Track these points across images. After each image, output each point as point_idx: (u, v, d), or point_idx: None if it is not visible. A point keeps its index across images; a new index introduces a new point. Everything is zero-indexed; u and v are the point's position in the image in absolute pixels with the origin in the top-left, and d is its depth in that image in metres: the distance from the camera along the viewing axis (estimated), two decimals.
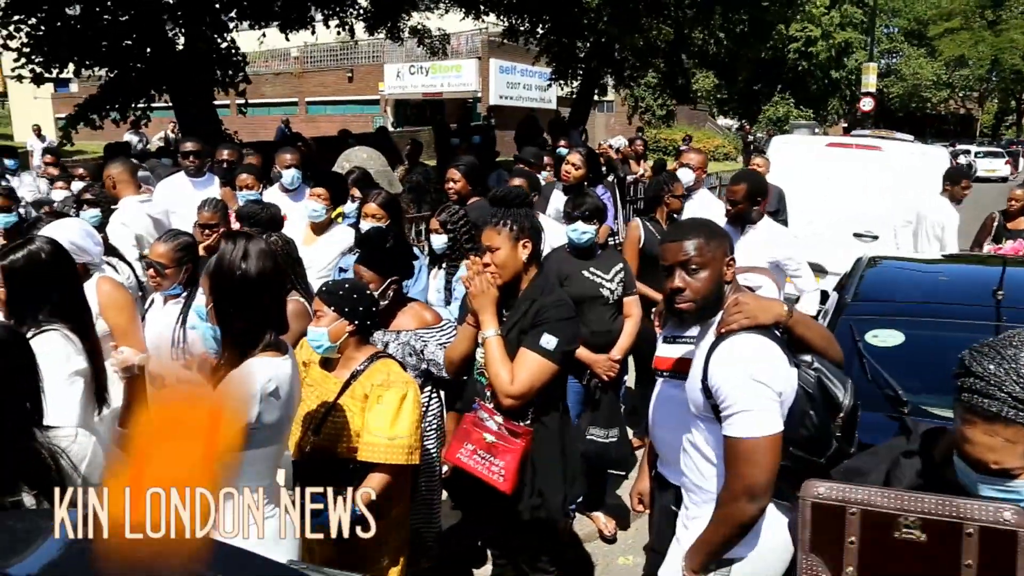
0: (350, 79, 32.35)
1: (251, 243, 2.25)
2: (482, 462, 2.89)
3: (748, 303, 2.19)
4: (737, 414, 2.08)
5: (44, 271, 2.71)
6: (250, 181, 4.99)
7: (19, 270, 2.65)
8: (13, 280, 2.64)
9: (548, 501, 2.93)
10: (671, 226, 2.43)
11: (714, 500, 2.23)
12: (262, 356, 2.21)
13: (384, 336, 3.25)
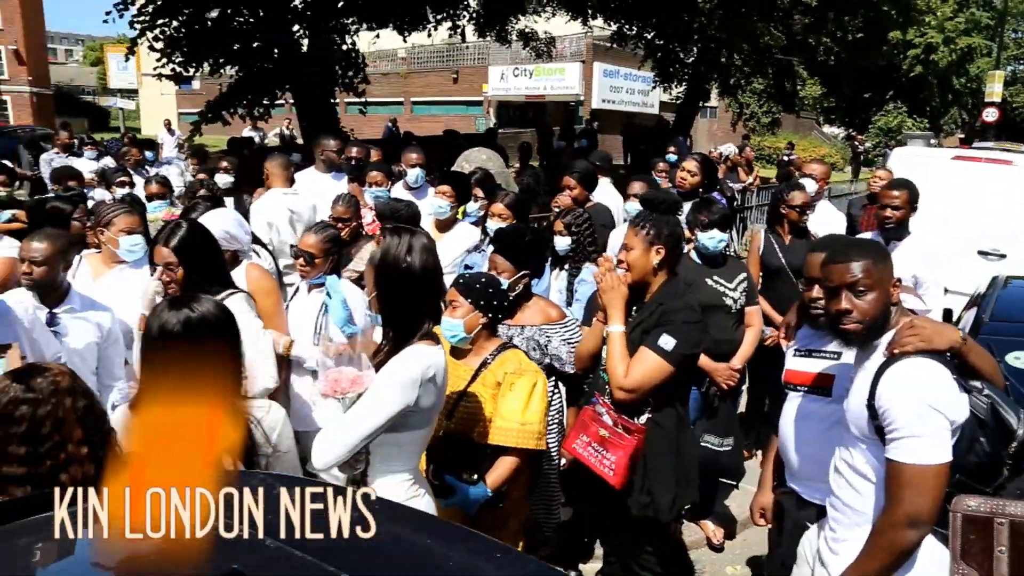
0: (455, 80, 32.98)
1: (415, 238, 2.40)
2: (595, 455, 2.99)
3: (924, 327, 2.16)
4: (906, 439, 2.05)
5: (204, 246, 2.97)
6: (380, 178, 5.23)
7: (187, 247, 2.91)
8: (185, 257, 2.90)
9: (656, 501, 2.98)
10: (837, 246, 2.41)
11: (868, 523, 2.20)
12: (420, 344, 2.36)
13: (509, 330, 3.38)
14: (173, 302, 2.15)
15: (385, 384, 2.29)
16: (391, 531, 1.39)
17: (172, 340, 2.06)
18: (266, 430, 2.19)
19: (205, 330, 2.09)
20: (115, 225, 3.74)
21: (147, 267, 3.83)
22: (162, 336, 2.07)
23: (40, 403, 1.81)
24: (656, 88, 21.13)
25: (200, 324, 2.09)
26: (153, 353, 2.10)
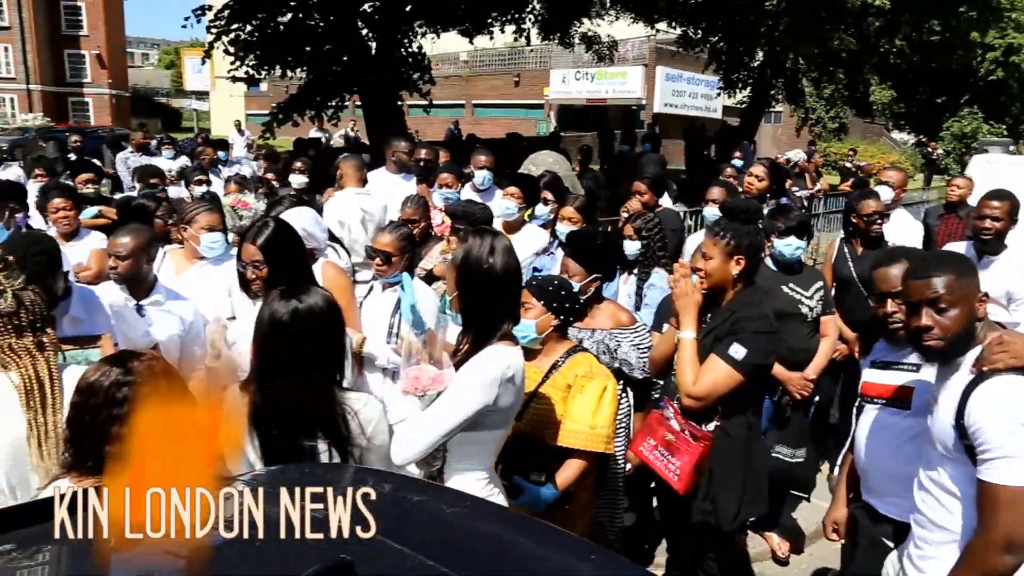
0: (516, 83, 33.11)
1: (496, 239, 2.42)
2: (661, 459, 2.99)
3: (1015, 342, 2.08)
4: (1000, 459, 1.99)
5: (290, 245, 3.05)
6: (450, 180, 5.29)
7: (273, 246, 2.99)
8: (270, 256, 2.98)
9: (720, 509, 2.95)
10: (918, 260, 2.35)
11: (955, 542, 2.15)
12: (499, 344, 2.38)
13: (579, 333, 3.39)
14: (284, 292, 2.23)
15: (465, 383, 2.32)
16: (491, 531, 1.41)
17: (280, 329, 2.17)
18: (362, 422, 2.24)
19: (312, 321, 2.18)
20: (197, 223, 3.86)
21: (227, 264, 3.95)
22: (271, 325, 2.17)
23: (131, 387, 1.90)
24: (720, 93, 20.86)
25: (307, 315, 2.18)
26: (263, 340, 2.21)
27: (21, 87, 40.66)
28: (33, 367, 2.31)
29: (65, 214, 4.89)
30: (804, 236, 3.98)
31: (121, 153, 10.92)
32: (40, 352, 2.34)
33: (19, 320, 2.35)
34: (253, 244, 2.99)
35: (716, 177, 7.00)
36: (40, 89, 40.98)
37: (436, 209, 5.16)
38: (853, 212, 4.70)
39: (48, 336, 2.40)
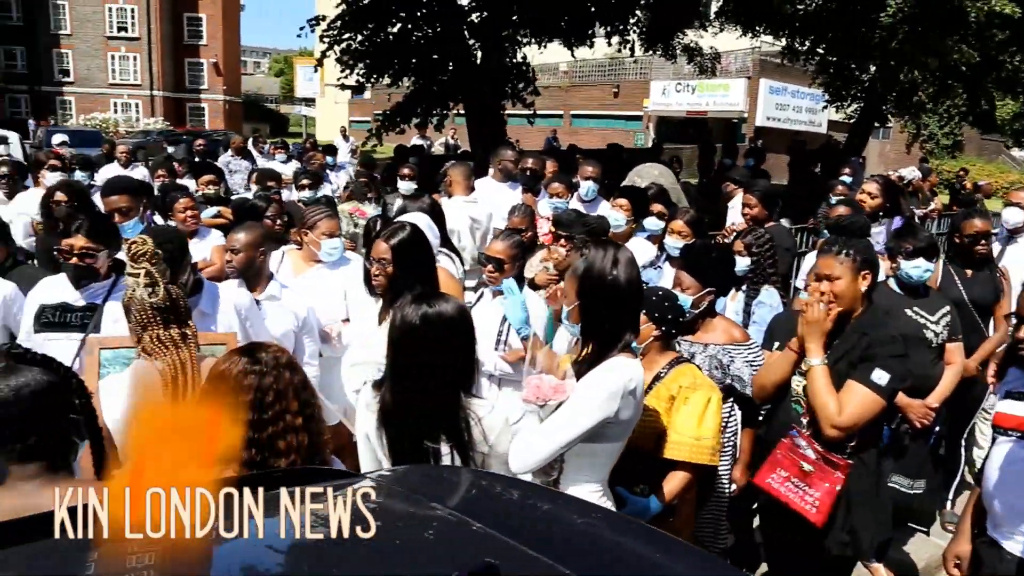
0: (615, 94, 32.96)
1: (619, 251, 2.42)
2: (795, 490, 2.88)
3: None
4: None
5: (419, 250, 3.13)
6: (560, 190, 5.32)
7: (404, 249, 3.08)
8: (399, 257, 3.07)
9: (858, 540, 2.86)
10: None
11: None
12: (620, 356, 2.38)
13: (691, 347, 3.37)
14: (417, 297, 2.31)
15: (587, 395, 2.32)
16: (618, 541, 1.41)
17: (411, 332, 2.24)
18: (485, 429, 2.28)
19: (441, 326, 2.25)
20: (318, 228, 4.01)
21: (343, 268, 4.09)
22: (403, 328, 2.25)
23: (265, 374, 1.99)
24: (826, 107, 20.18)
25: (437, 320, 2.24)
26: (395, 343, 2.29)
27: (145, 93, 43.34)
28: (177, 357, 2.47)
29: (192, 213, 5.16)
30: (933, 258, 3.81)
31: (223, 156, 11.43)
32: (184, 343, 2.50)
33: (167, 313, 2.51)
34: (386, 243, 3.09)
35: (824, 194, 6.80)
36: (162, 95, 43.60)
37: (543, 218, 5.19)
38: (957, 232, 4.50)
39: (190, 328, 2.55)
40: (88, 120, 35.79)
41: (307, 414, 2.03)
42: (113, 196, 4.92)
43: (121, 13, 42.83)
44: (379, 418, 2.33)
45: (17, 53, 43.24)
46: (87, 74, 43.50)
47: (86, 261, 3.30)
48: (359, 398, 2.52)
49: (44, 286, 3.43)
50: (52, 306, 3.32)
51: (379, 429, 2.33)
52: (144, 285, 2.51)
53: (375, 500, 1.56)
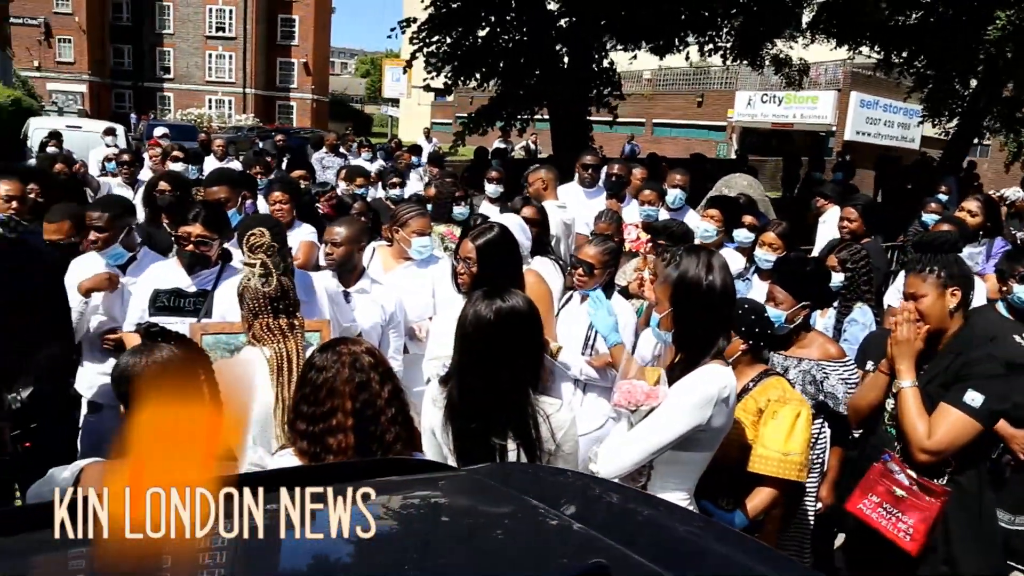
0: (699, 104, 32.49)
1: (713, 257, 2.40)
2: (888, 517, 2.78)
3: None
4: None
5: (505, 251, 3.16)
6: (652, 197, 5.27)
7: (489, 249, 3.11)
8: (484, 257, 3.11)
9: (959, 571, 2.73)
10: None
11: None
12: (713, 363, 2.35)
13: (785, 361, 3.31)
14: (488, 293, 2.31)
15: (679, 401, 2.30)
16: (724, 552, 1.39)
17: (481, 327, 2.24)
18: (553, 427, 2.27)
19: (512, 322, 2.25)
20: (409, 226, 4.08)
21: (432, 266, 4.15)
22: (474, 322, 2.26)
23: (322, 371, 2.02)
24: (921, 121, 19.42)
25: (508, 315, 2.24)
26: (464, 337, 2.29)
27: (238, 91, 45.11)
28: (284, 345, 2.56)
29: (281, 206, 5.31)
30: None
31: (317, 153, 11.79)
32: (291, 332, 2.59)
33: (277, 303, 2.61)
34: (472, 243, 3.13)
35: (916, 212, 6.56)
36: (253, 93, 45.30)
37: (630, 225, 5.17)
38: None
39: (297, 319, 2.65)
40: (185, 115, 37.50)
41: (365, 415, 2.01)
42: (215, 187, 5.13)
43: (220, 14, 44.78)
44: (445, 413, 2.33)
45: (125, 51, 45.92)
46: (186, 71, 45.62)
47: (201, 249, 3.45)
48: (426, 393, 2.54)
49: (156, 271, 3.60)
50: (166, 291, 3.47)
51: (445, 425, 2.33)
52: (259, 275, 2.63)
53: (470, 495, 1.58)
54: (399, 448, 2.06)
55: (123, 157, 7.68)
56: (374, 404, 2.01)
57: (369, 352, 2.09)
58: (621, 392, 2.37)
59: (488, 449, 2.26)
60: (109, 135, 11.93)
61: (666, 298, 2.43)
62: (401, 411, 2.08)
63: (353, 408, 1.99)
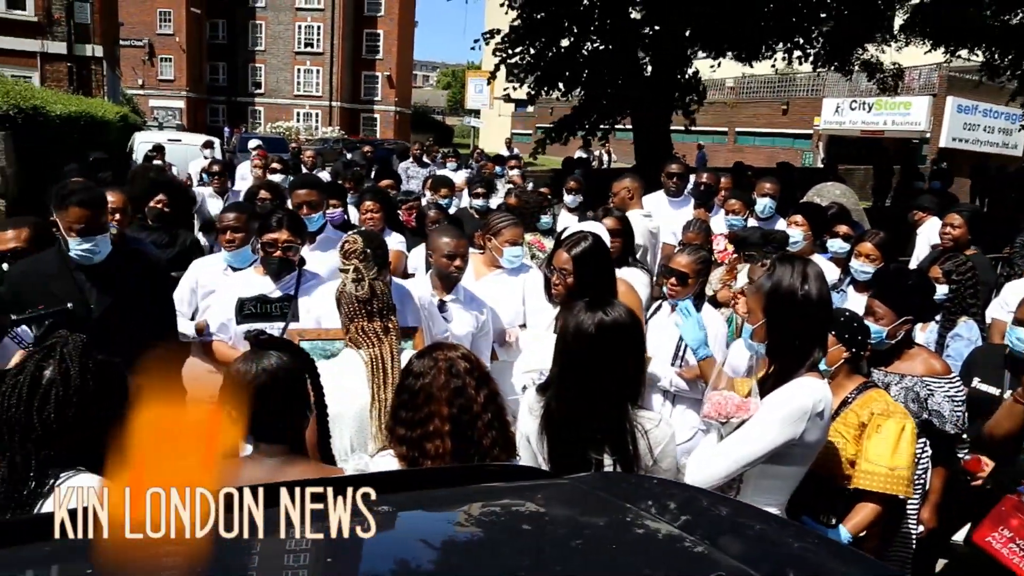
0: (784, 111, 31.71)
1: (808, 266, 2.34)
2: (1021, 554, 2.65)
3: None
4: None
5: (600, 261, 3.16)
6: (738, 206, 5.20)
7: (585, 259, 3.11)
8: (580, 267, 3.11)
9: None
10: None
11: None
12: (808, 376, 2.29)
13: (886, 377, 3.20)
14: (591, 304, 2.30)
15: (772, 414, 2.25)
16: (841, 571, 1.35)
17: (584, 338, 2.22)
18: (651, 443, 2.24)
19: (616, 334, 2.22)
20: (502, 235, 4.11)
21: (523, 275, 4.19)
22: (576, 334, 2.24)
23: (419, 377, 2.05)
24: None
25: (612, 327, 2.22)
26: (565, 348, 2.28)
27: (325, 104, 46.60)
28: (379, 348, 2.63)
29: (373, 215, 5.45)
30: None
31: (403, 163, 12.05)
32: (385, 336, 2.66)
33: (371, 306, 2.68)
34: (567, 253, 3.13)
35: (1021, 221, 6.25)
36: (339, 106, 46.71)
37: (718, 235, 5.09)
38: None
39: (392, 323, 2.72)
40: (274, 128, 38.91)
41: (462, 421, 2.02)
42: (302, 191, 5.30)
43: (308, 30, 46.45)
44: (542, 423, 2.31)
45: (220, 68, 48.30)
46: (276, 86, 47.47)
47: (288, 254, 3.55)
48: (522, 401, 2.53)
49: (237, 279, 3.70)
50: (251, 298, 3.54)
51: (541, 434, 2.31)
52: (352, 280, 2.71)
53: (577, 505, 1.58)
54: (496, 453, 2.07)
55: (213, 168, 7.99)
56: (470, 409, 2.03)
57: (465, 357, 2.10)
58: (712, 403, 2.34)
59: (584, 462, 2.22)
60: (207, 148, 12.50)
61: (759, 308, 2.37)
62: (498, 416, 2.09)
63: (450, 414, 2.01)
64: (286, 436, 1.98)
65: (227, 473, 2.00)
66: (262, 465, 1.94)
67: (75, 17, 19.01)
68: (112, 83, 21.39)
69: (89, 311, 3.03)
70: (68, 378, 1.65)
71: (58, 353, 1.68)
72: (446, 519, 1.48)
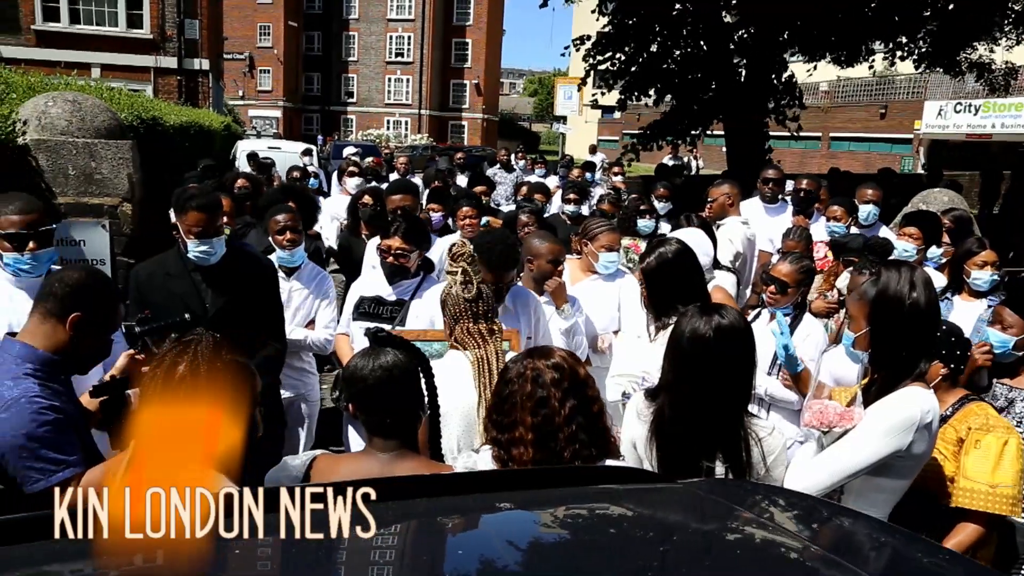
0: (882, 115, 30.54)
1: (915, 273, 2.28)
2: None
3: None
4: None
5: (681, 267, 3.12)
6: (840, 213, 5.06)
7: (657, 271, 3.10)
8: (652, 280, 3.11)
9: None
10: None
11: None
12: (914, 386, 2.23)
13: (1010, 392, 3.10)
14: (703, 309, 2.29)
15: (877, 425, 2.20)
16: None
17: (700, 343, 2.20)
18: (764, 451, 2.22)
19: (732, 339, 2.20)
20: (598, 240, 4.13)
21: (619, 280, 4.19)
22: (693, 339, 2.22)
23: (508, 384, 2.06)
24: None
25: (729, 332, 2.21)
26: (679, 353, 2.26)
27: (414, 112, 47.68)
28: (484, 349, 2.69)
29: (471, 221, 5.56)
30: None
31: (490, 169, 12.18)
32: (490, 337, 2.72)
33: (476, 308, 2.75)
34: (641, 263, 3.17)
35: None
36: (428, 113, 47.72)
37: (818, 243, 4.96)
38: None
39: (496, 325, 2.77)
40: (365, 135, 39.99)
41: (544, 431, 2.00)
42: (396, 195, 5.44)
43: (399, 40, 47.68)
44: (652, 429, 2.29)
45: (314, 78, 50.12)
46: (367, 95, 48.88)
47: (400, 260, 3.69)
48: (629, 405, 2.52)
49: (365, 279, 3.90)
50: (369, 298, 3.77)
51: (649, 440, 2.29)
52: (460, 282, 2.78)
53: (693, 510, 1.57)
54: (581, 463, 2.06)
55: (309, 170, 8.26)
56: (552, 421, 2.00)
57: (555, 367, 2.04)
58: (812, 412, 2.28)
59: (694, 469, 2.19)
60: (306, 155, 12.97)
61: (863, 316, 2.31)
62: (589, 425, 2.04)
63: (533, 423, 1.99)
64: (399, 432, 2.04)
65: (341, 467, 2.10)
66: (375, 460, 2.01)
67: (185, 34, 20.18)
68: (216, 94, 22.50)
69: (204, 310, 3.21)
70: (198, 374, 1.75)
71: (191, 350, 1.78)
72: (561, 520, 1.48)
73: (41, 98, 4.72)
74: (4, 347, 2.16)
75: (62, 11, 19.80)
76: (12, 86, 5.47)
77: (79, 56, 18.11)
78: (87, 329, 2.19)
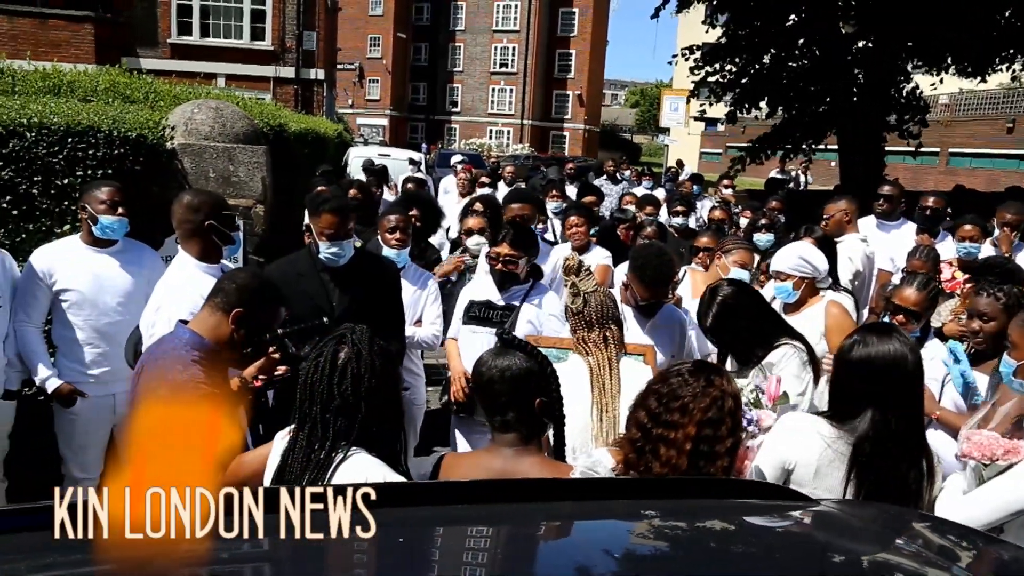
0: (1009, 130, 28.79)
1: None
2: None
3: None
4: None
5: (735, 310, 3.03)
6: (975, 232, 4.83)
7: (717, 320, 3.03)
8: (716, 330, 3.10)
9: None
10: None
11: None
12: None
13: None
14: (881, 329, 2.30)
15: None
16: None
17: (903, 365, 2.17)
18: (939, 476, 2.22)
19: (920, 362, 2.21)
20: (732, 255, 4.15)
21: None
22: (895, 359, 2.17)
23: (681, 388, 1.99)
24: None
25: (916, 350, 2.22)
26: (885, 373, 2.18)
27: (516, 122, 48.26)
28: (598, 356, 2.78)
29: (578, 230, 5.60)
30: None
31: (596, 180, 12.22)
32: (604, 344, 2.80)
33: (588, 318, 2.84)
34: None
35: None
36: (530, 123, 48.20)
37: (944, 263, 4.75)
38: None
39: (611, 332, 2.84)
40: (468, 144, 40.77)
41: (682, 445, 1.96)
42: (515, 204, 5.53)
43: (504, 51, 48.42)
44: (853, 457, 2.16)
45: (420, 88, 51.64)
46: (471, 105, 49.84)
47: (508, 267, 3.78)
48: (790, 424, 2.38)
49: (475, 284, 4.01)
50: (479, 303, 3.85)
51: (838, 465, 2.17)
52: (570, 294, 2.89)
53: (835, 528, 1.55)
54: None
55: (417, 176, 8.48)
56: (712, 446, 1.96)
57: (736, 397, 2.02)
58: (971, 443, 2.21)
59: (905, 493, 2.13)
60: (412, 164, 13.37)
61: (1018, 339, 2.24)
62: (729, 467, 2.02)
63: (697, 435, 1.95)
64: (520, 429, 2.11)
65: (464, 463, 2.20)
66: (498, 456, 2.10)
67: (303, 45, 21.26)
68: (329, 103, 23.52)
69: (331, 308, 3.38)
70: (360, 357, 1.89)
71: (349, 339, 1.93)
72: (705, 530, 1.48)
73: (188, 105, 5.08)
74: (176, 332, 2.35)
75: (194, 26, 21.32)
76: (161, 95, 5.90)
77: (207, 67, 19.38)
78: (247, 325, 2.37)
